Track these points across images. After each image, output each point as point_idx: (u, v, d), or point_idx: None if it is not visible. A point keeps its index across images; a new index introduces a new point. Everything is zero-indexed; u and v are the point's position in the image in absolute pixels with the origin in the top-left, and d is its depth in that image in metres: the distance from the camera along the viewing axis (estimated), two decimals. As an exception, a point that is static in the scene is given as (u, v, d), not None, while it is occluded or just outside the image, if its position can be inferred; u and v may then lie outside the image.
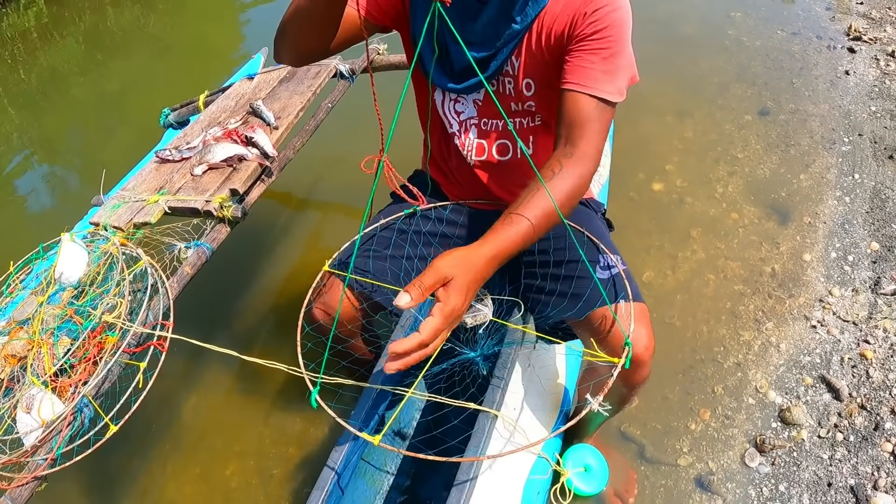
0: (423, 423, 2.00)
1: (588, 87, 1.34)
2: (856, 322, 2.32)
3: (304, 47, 1.44)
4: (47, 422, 1.44)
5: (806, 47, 3.93)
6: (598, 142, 1.36)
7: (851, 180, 2.95)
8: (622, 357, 1.32)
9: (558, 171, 1.32)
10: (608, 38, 1.34)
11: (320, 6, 1.30)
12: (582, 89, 1.34)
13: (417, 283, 1.13)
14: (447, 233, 1.77)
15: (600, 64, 1.34)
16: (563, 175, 1.32)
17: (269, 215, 3.21)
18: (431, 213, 1.78)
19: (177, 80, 4.95)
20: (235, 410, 2.44)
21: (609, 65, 1.34)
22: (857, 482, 1.89)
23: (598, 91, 1.34)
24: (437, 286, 1.15)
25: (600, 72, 1.34)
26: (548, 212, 1.28)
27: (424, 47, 1.51)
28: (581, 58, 1.35)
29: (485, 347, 1.63)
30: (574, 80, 1.35)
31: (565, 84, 1.36)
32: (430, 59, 1.52)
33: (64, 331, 1.64)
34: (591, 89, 1.34)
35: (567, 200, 1.32)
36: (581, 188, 1.35)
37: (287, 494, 2.15)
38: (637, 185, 3.05)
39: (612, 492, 1.94)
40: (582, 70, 1.35)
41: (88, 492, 2.28)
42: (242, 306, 2.81)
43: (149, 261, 1.74)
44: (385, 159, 1.35)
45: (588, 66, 1.34)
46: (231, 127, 2.26)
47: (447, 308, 1.13)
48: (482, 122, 1.60)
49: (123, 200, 2.07)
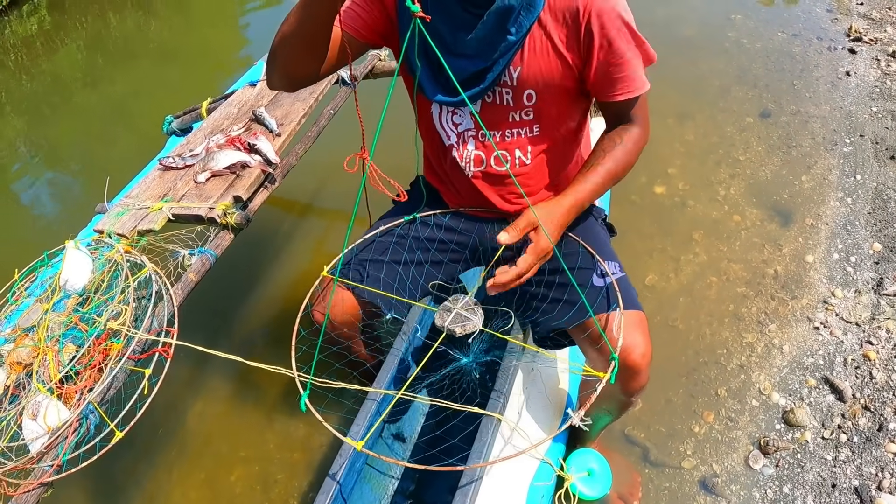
0: (427, 429, 2.01)
1: (629, 92, 1.47)
2: (859, 323, 2.32)
3: (294, 71, 1.45)
4: (53, 428, 1.45)
5: (806, 49, 3.94)
6: (646, 116, 1.59)
7: (853, 181, 2.95)
8: (608, 371, 1.34)
9: (619, 141, 1.53)
10: (621, 45, 1.41)
11: (308, 29, 1.32)
12: (626, 97, 1.47)
13: (513, 226, 1.41)
14: (445, 239, 1.77)
15: (627, 68, 1.44)
16: (624, 144, 1.53)
17: (273, 222, 3.22)
18: (430, 219, 1.78)
19: (180, 87, 4.96)
20: (240, 416, 2.45)
21: (633, 65, 1.44)
22: (862, 483, 1.89)
23: (636, 91, 1.47)
24: (528, 229, 1.41)
25: (631, 74, 1.45)
26: (613, 172, 1.52)
27: (413, 62, 1.51)
28: (611, 72, 1.44)
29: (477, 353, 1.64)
30: (617, 92, 1.47)
31: (611, 97, 1.48)
32: (421, 73, 1.52)
33: (69, 338, 1.65)
34: (632, 93, 1.47)
35: (625, 167, 1.55)
36: (637, 152, 1.57)
37: (291, 500, 2.16)
38: (639, 189, 3.06)
39: (617, 495, 1.94)
40: (619, 81, 1.45)
41: (94, 498, 2.29)
42: (246, 312, 2.82)
43: (153, 268, 1.75)
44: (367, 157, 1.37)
45: (622, 76, 1.44)
46: (234, 134, 2.27)
47: (538, 247, 1.40)
48: (480, 133, 1.60)
49: (127, 208, 2.08)
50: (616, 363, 1.36)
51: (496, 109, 1.54)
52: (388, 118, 1.21)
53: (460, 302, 1.50)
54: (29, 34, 6.39)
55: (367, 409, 1.57)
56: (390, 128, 1.27)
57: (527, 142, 1.59)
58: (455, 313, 1.48)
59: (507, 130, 1.57)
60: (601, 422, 1.81)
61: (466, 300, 1.51)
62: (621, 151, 1.52)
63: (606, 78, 1.45)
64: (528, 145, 1.59)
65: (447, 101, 1.52)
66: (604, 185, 1.51)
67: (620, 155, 1.52)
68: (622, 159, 1.53)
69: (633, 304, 1.52)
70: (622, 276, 1.58)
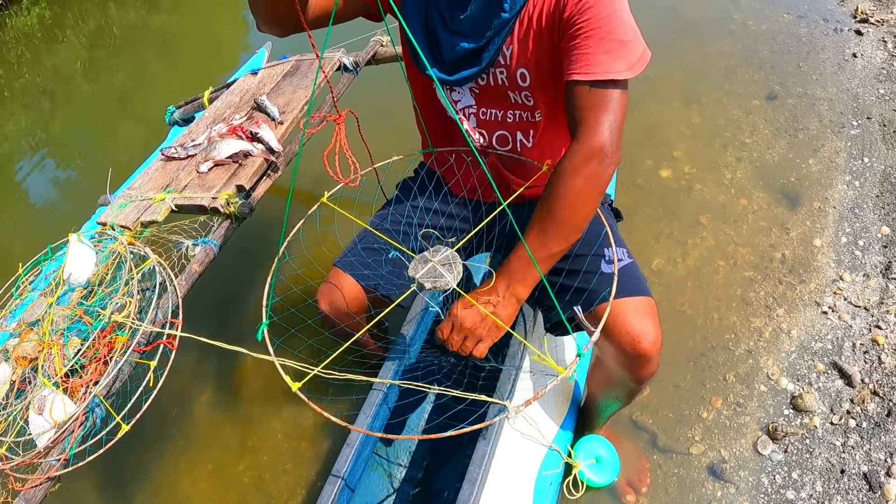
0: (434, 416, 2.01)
1: (591, 72, 1.27)
2: (867, 307, 2.30)
3: (274, 16, 1.37)
4: (59, 422, 1.45)
5: (813, 30, 3.90)
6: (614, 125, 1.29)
7: (861, 164, 2.93)
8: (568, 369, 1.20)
9: (548, 190, 1.32)
10: (600, 16, 1.26)
11: None
12: (585, 77, 1.27)
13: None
14: (447, 225, 1.76)
15: (598, 45, 1.26)
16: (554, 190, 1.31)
17: (276, 210, 3.20)
18: (433, 205, 1.77)
19: (181, 77, 4.96)
20: (247, 406, 2.45)
21: (608, 44, 1.26)
22: (871, 469, 1.88)
23: (602, 74, 1.26)
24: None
25: (602, 53, 1.26)
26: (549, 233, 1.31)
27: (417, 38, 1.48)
28: (577, 44, 1.28)
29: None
30: (576, 69, 1.28)
31: (569, 75, 1.30)
32: (420, 48, 1.49)
33: (74, 331, 1.65)
34: (594, 74, 1.27)
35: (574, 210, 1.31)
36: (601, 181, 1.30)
37: (299, 489, 2.16)
38: (645, 173, 3.04)
39: (625, 482, 1.94)
40: (582, 57, 1.28)
41: (103, 490, 2.29)
42: (250, 302, 2.81)
43: (157, 259, 1.74)
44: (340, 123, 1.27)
45: (587, 52, 1.27)
46: (236, 123, 2.25)
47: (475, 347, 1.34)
48: (480, 111, 1.57)
49: (130, 199, 2.07)
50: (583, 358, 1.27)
51: (492, 90, 1.52)
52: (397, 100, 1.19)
53: (440, 254, 1.35)
54: (29, 28, 6.37)
55: (374, 398, 1.57)
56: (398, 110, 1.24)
57: (529, 126, 1.57)
58: (430, 266, 1.34)
59: (508, 112, 1.55)
60: (610, 408, 1.81)
61: (447, 253, 1.35)
62: (551, 202, 1.31)
63: (569, 49, 1.30)
64: (531, 129, 1.57)
65: (443, 80, 1.49)
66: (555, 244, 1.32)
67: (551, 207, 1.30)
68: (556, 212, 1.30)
69: (643, 291, 1.50)
70: (630, 262, 1.56)
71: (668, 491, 1.95)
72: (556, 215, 1.30)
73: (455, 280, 1.31)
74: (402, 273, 1.68)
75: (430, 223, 1.76)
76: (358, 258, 1.71)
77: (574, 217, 1.31)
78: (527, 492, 1.65)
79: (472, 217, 1.77)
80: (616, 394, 1.70)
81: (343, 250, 1.76)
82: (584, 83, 1.28)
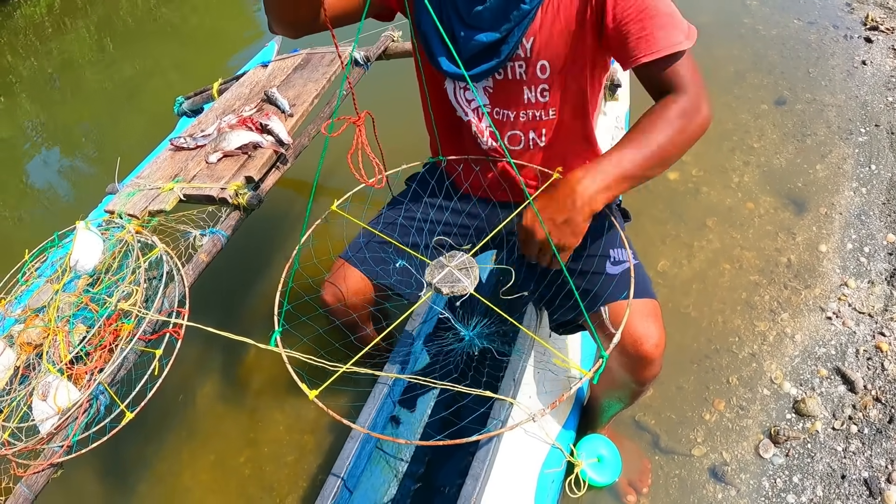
0: (438, 412, 2.01)
1: (655, 51, 1.29)
2: (871, 314, 2.30)
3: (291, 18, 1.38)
4: (63, 409, 1.45)
5: (822, 37, 3.89)
6: (693, 81, 1.34)
7: (868, 171, 2.92)
8: (591, 371, 1.21)
9: (658, 112, 1.32)
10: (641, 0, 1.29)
11: None
12: (651, 56, 1.29)
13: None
14: (455, 222, 1.76)
15: (650, 23, 1.28)
16: (667, 116, 1.32)
17: (285, 202, 3.22)
18: (442, 202, 1.77)
19: (191, 68, 4.96)
20: (250, 397, 2.45)
21: (659, 19, 1.28)
22: (871, 475, 1.88)
23: (665, 50, 1.29)
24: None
25: (657, 30, 1.28)
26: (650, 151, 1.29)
27: (431, 34, 1.48)
28: (631, 31, 1.30)
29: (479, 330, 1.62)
30: (641, 52, 1.30)
31: (634, 61, 1.31)
32: (435, 46, 1.49)
33: (79, 318, 1.65)
34: (659, 52, 1.29)
35: (679, 142, 1.33)
36: (689, 128, 1.34)
37: (301, 482, 2.16)
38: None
39: (627, 482, 1.94)
40: (641, 41, 1.29)
41: (105, 478, 2.30)
42: (257, 293, 2.82)
43: (164, 248, 1.74)
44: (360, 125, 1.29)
45: (644, 34, 1.29)
46: (246, 114, 2.26)
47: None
48: (494, 110, 1.56)
49: (138, 188, 2.07)
50: (603, 361, 1.24)
51: (509, 86, 1.50)
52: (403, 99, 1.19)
53: (456, 259, 1.36)
54: (38, 17, 6.38)
55: (378, 392, 1.57)
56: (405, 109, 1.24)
57: (542, 124, 1.56)
58: (447, 271, 1.35)
59: (521, 111, 1.54)
60: (612, 409, 1.81)
61: (463, 258, 1.36)
62: (660, 123, 1.30)
63: (625, 38, 1.31)
64: (543, 128, 1.56)
65: (459, 75, 1.49)
66: (640, 163, 1.28)
67: (659, 128, 1.30)
68: (662, 133, 1.30)
69: (647, 293, 1.50)
70: (637, 263, 1.56)
71: (669, 492, 1.95)
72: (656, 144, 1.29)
73: (472, 285, 1.32)
74: (410, 270, 1.68)
75: (437, 219, 1.76)
76: (364, 252, 1.71)
77: (670, 153, 1.32)
78: (529, 489, 1.65)
79: (481, 214, 1.77)
80: (619, 394, 1.70)
81: (350, 242, 1.76)
82: (657, 62, 1.30)
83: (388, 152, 1.48)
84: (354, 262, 1.71)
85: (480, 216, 1.77)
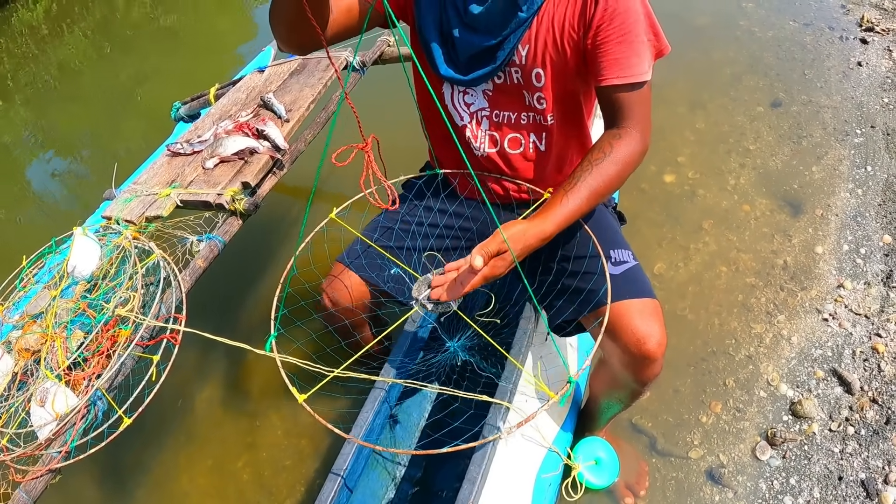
0: (435, 415, 2.01)
1: (625, 76, 1.36)
2: (868, 315, 2.31)
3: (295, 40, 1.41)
4: (61, 415, 1.45)
5: (818, 38, 3.90)
6: (645, 120, 1.42)
7: (864, 172, 2.93)
8: (559, 394, 1.29)
9: (608, 151, 1.38)
10: (628, 20, 1.35)
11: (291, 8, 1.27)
12: (621, 81, 1.37)
13: (484, 248, 1.28)
14: (451, 225, 1.77)
15: (628, 49, 1.35)
16: (612, 156, 1.38)
17: (281, 208, 3.22)
18: (436, 204, 1.78)
19: (188, 73, 4.96)
20: (248, 402, 2.46)
21: (637, 46, 1.36)
22: (868, 476, 1.88)
23: (634, 77, 1.37)
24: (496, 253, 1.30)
25: (632, 56, 1.36)
26: (598, 191, 1.37)
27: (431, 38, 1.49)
28: (609, 50, 1.36)
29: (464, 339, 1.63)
30: (611, 74, 1.37)
31: (603, 80, 1.38)
32: (434, 49, 1.51)
33: (77, 324, 1.65)
34: (628, 78, 1.36)
35: (613, 182, 1.39)
36: (631, 164, 1.40)
37: (299, 486, 2.17)
38: (649, 177, 3.04)
39: (624, 484, 1.94)
40: (615, 63, 1.36)
41: (103, 483, 2.30)
42: (254, 298, 2.82)
43: (161, 254, 1.75)
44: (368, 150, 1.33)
45: (620, 57, 1.36)
46: (242, 120, 2.26)
47: (489, 272, 1.30)
48: (494, 113, 1.58)
49: (135, 194, 2.08)
50: (572, 385, 1.31)
51: (508, 90, 1.53)
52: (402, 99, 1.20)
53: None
54: (35, 21, 6.38)
55: (374, 397, 1.57)
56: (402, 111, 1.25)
57: (542, 128, 1.57)
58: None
59: (521, 114, 1.55)
60: (611, 410, 1.81)
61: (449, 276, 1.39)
62: (611, 165, 1.38)
63: (600, 57, 1.37)
64: (543, 132, 1.58)
65: (458, 80, 1.51)
66: (587, 205, 1.37)
67: (608, 169, 1.37)
68: (610, 174, 1.38)
69: (648, 293, 1.51)
70: (635, 264, 1.57)
71: (667, 495, 1.95)
72: (598, 190, 1.37)
73: (457, 303, 1.37)
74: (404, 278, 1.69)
75: (434, 223, 1.77)
76: (361, 257, 1.72)
77: (607, 194, 1.40)
78: (526, 492, 1.65)
79: (476, 216, 1.78)
80: (618, 395, 1.70)
81: (348, 246, 1.77)
82: (621, 85, 1.38)
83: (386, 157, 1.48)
84: (353, 266, 1.72)
85: (478, 219, 1.77)
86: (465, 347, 1.63)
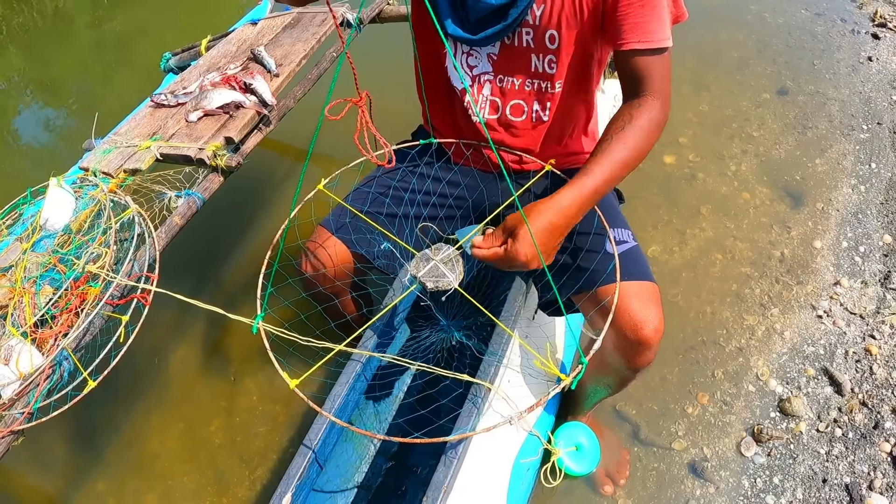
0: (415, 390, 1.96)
1: (648, 41, 1.33)
2: (863, 315, 2.26)
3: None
4: (25, 375, 1.39)
5: (829, 29, 3.81)
6: (665, 88, 1.38)
7: (868, 169, 2.87)
8: (570, 376, 1.24)
9: (629, 121, 1.34)
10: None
11: None
12: (642, 45, 1.33)
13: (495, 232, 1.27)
14: (445, 193, 1.70)
15: (651, 13, 1.32)
16: (633, 126, 1.33)
17: (267, 166, 3.14)
18: (432, 171, 1.71)
19: (184, 26, 4.85)
20: (223, 365, 2.39)
21: (659, 11, 1.33)
22: (853, 481, 1.84)
23: (656, 42, 1.33)
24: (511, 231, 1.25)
25: (654, 21, 1.32)
26: (625, 161, 1.32)
27: None
28: (630, 13, 1.32)
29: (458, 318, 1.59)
30: (632, 38, 1.33)
31: (624, 44, 1.34)
32: (441, 7, 1.43)
33: (47, 279, 1.58)
34: (650, 43, 1.33)
35: (639, 151, 1.35)
36: (654, 133, 1.37)
37: (272, 454, 2.12)
38: (648, 156, 2.96)
39: (604, 472, 1.90)
40: (637, 27, 1.32)
41: (72, 442, 2.24)
42: (233, 259, 2.75)
43: (137, 209, 1.67)
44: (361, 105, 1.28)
45: (641, 21, 1.32)
46: (230, 73, 2.16)
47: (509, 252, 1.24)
48: (497, 78, 1.52)
49: (115, 146, 1.99)
50: (584, 368, 1.24)
51: (516, 53, 1.46)
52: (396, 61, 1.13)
53: (442, 252, 1.35)
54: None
55: (351, 370, 1.51)
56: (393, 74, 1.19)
57: (547, 97, 1.51)
58: (432, 264, 1.34)
59: (527, 80, 1.49)
60: (597, 395, 1.76)
61: (449, 252, 1.35)
62: (633, 134, 1.33)
63: (620, 20, 1.33)
64: (547, 101, 1.51)
65: (465, 38, 1.43)
66: (615, 177, 1.33)
67: (632, 138, 1.33)
68: (636, 143, 1.33)
69: (647, 276, 1.46)
70: (635, 245, 1.52)
71: (647, 485, 1.91)
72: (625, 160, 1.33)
73: (457, 280, 1.31)
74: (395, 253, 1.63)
75: (428, 190, 1.69)
76: (347, 224, 1.65)
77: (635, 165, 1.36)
78: (503, 476, 1.60)
79: (472, 184, 1.71)
80: (607, 381, 1.65)
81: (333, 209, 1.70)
82: (643, 50, 1.33)
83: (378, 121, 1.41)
84: (337, 230, 1.65)
85: (474, 188, 1.71)
86: (460, 327, 1.57)
